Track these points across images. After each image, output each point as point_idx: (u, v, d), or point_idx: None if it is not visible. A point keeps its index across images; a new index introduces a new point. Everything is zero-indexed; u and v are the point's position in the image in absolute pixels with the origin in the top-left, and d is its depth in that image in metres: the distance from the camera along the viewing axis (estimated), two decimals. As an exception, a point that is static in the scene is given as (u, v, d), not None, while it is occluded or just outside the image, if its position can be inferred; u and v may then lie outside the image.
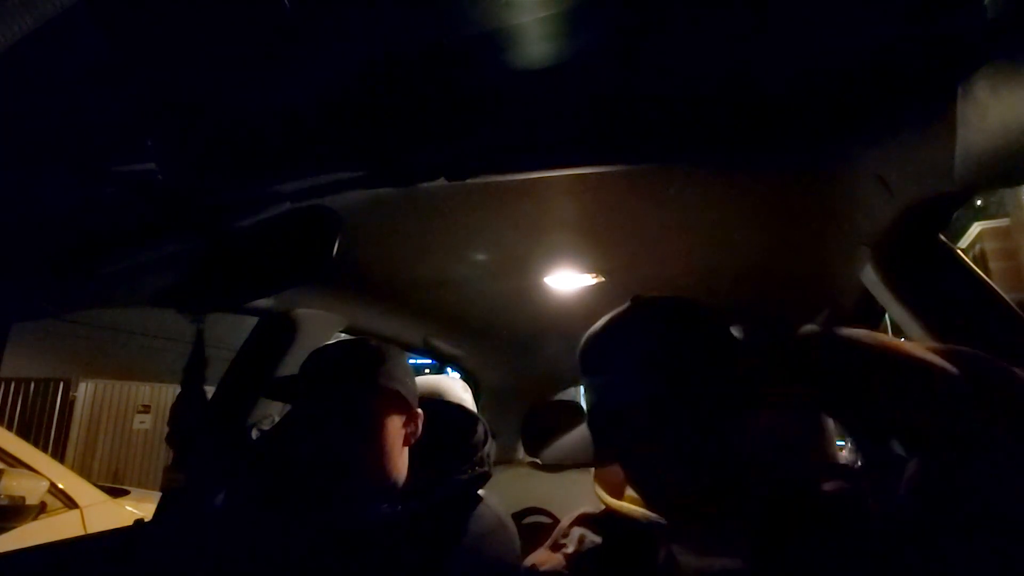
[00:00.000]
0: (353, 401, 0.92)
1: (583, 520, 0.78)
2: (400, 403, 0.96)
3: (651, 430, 0.62)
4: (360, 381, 0.93)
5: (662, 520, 0.66)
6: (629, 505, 0.71)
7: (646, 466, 0.65)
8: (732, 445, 0.64)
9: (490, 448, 1.07)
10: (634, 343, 0.66)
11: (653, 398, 0.62)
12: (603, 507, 0.76)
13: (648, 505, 0.67)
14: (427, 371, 2.42)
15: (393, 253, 1.26)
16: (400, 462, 0.96)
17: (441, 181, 0.82)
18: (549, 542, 0.80)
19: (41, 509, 2.37)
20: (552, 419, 1.83)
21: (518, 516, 1.56)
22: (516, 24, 0.59)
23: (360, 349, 0.99)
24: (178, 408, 1.08)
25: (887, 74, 0.68)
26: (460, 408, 1.14)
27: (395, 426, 0.95)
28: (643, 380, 0.63)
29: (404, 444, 0.97)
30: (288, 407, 1.15)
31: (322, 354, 1.00)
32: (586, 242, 1.24)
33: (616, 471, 0.75)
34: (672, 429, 0.62)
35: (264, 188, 0.85)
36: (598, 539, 0.74)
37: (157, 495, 1.32)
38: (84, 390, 7.18)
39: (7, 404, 6.88)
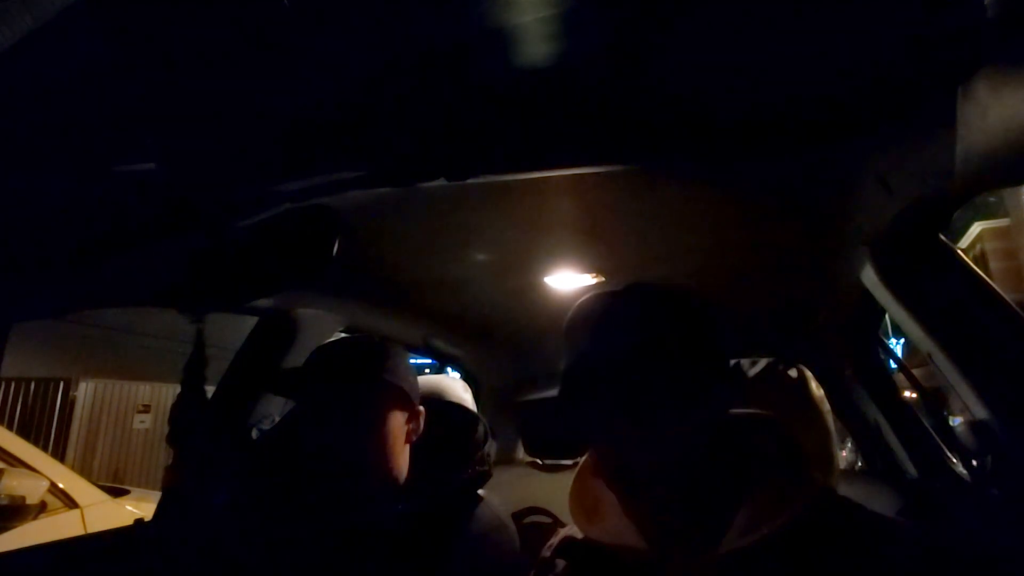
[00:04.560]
0: (357, 396, 0.92)
1: (566, 547, 0.76)
2: (403, 399, 0.96)
3: (622, 398, 0.61)
4: (364, 377, 0.93)
5: (640, 546, 0.64)
6: (605, 531, 0.69)
7: (612, 440, 0.63)
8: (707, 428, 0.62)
9: (490, 448, 1.07)
10: (623, 314, 0.66)
11: (628, 364, 0.61)
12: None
13: (618, 492, 0.65)
14: (427, 371, 2.42)
15: (393, 253, 1.26)
16: (402, 459, 0.96)
17: (441, 181, 0.82)
18: (533, 572, 0.78)
19: (41, 509, 2.37)
20: (551, 420, 1.83)
21: (518, 516, 1.56)
22: (516, 24, 0.59)
23: (363, 345, 1.00)
24: (178, 408, 1.08)
25: (887, 74, 0.68)
26: (460, 408, 1.14)
27: (398, 422, 0.95)
28: (622, 347, 0.63)
29: (406, 441, 0.97)
30: (289, 408, 1.15)
31: (326, 350, 1.01)
32: (586, 242, 1.24)
33: (590, 492, 0.74)
34: (642, 400, 0.60)
35: (264, 188, 0.85)
36: (584, 571, 0.71)
37: (157, 495, 1.32)
38: (84, 390, 7.18)
39: (7, 404, 6.87)
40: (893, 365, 1.80)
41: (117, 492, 2.93)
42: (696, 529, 0.62)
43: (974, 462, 1.17)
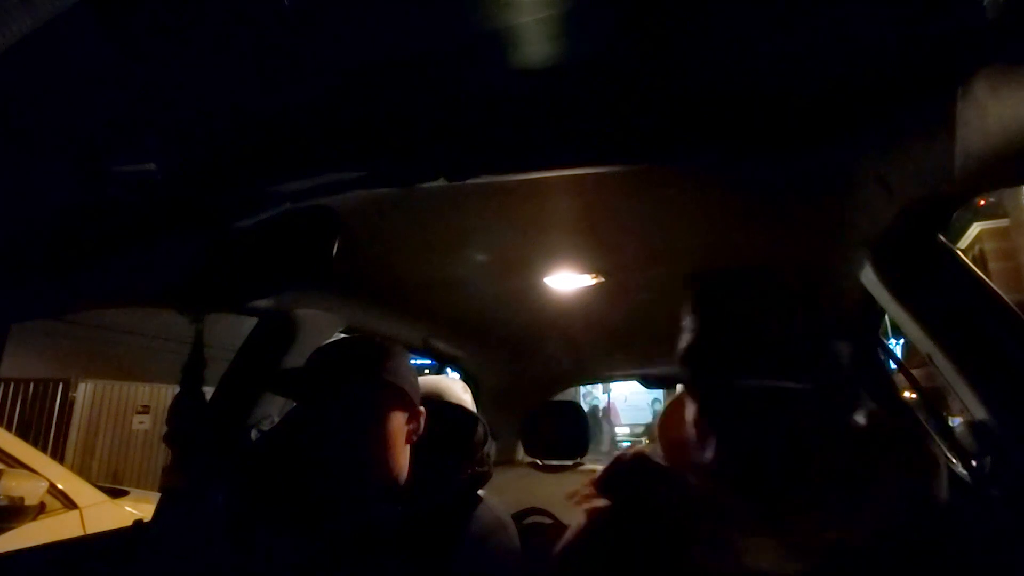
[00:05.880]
0: (358, 396, 0.92)
1: (642, 464, 0.74)
2: (403, 400, 0.96)
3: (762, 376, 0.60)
4: (364, 377, 0.93)
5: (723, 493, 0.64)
6: (691, 465, 0.68)
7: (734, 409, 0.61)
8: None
9: (490, 448, 1.07)
10: (769, 297, 0.66)
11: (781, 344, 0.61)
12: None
13: (726, 477, 0.64)
14: (427, 371, 2.42)
15: (393, 253, 1.26)
16: (402, 459, 0.96)
17: (441, 181, 0.82)
18: (600, 479, 0.77)
19: (40, 509, 2.36)
20: (552, 419, 1.83)
21: (518, 516, 1.56)
22: (516, 24, 0.59)
23: (364, 345, 1.00)
24: (177, 408, 1.08)
25: (887, 74, 0.68)
26: (460, 408, 1.14)
27: (398, 422, 0.95)
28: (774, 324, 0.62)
29: (407, 441, 0.97)
30: (289, 408, 1.15)
31: (326, 350, 1.00)
32: (586, 242, 1.24)
33: (681, 430, 0.72)
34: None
35: (264, 188, 0.85)
36: (653, 492, 0.70)
37: (156, 495, 1.32)
38: (84, 390, 7.17)
39: (7, 404, 6.86)
40: (893, 365, 1.80)
41: (116, 493, 2.92)
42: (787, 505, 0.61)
43: (974, 462, 1.17)
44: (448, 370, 2.17)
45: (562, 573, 0.77)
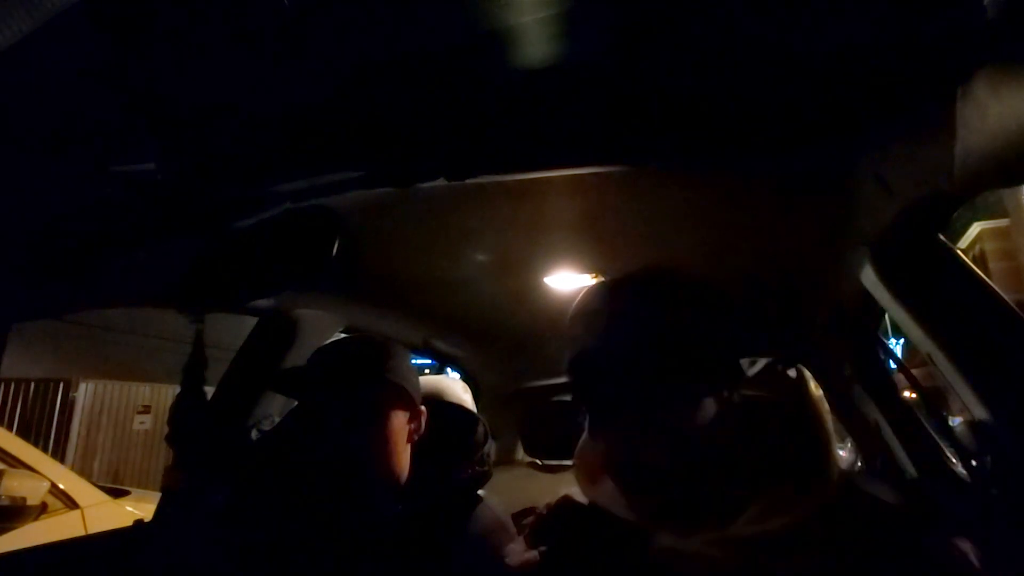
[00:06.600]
0: (359, 396, 0.92)
1: (565, 509, 0.75)
2: (405, 399, 0.96)
3: (639, 391, 0.59)
4: (366, 376, 0.93)
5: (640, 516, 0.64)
6: (610, 497, 0.68)
7: (624, 428, 0.61)
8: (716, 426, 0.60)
9: (490, 448, 1.07)
10: (640, 301, 0.65)
11: (647, 356, 0.60)
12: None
13: (621, 485, 0.64)
14: (427, 371, 2.43)
15: (393, 253, 1.26)
16: (403, 459, 0.96)
17: (441, 181, 0.82)
18: (528, 529, 0.78)
19: (42, 510, 2.37)
20: (551, 420, 1.83)
21: (518, 516, 1.56)
22: (516, 24, 0.59)
23: (365, 345, 1.00)
24: (178, 408, 1.08)
25: (887, 74, 0.68)
26: (460, 408, 1.14)
27: (400, 422, 0.95)
28: (638, 337, 0.61)
29: (408, 441, 0.97)
30: (288, 409, 1.16)
31: (327, 350, 1.01)
32: (586, 242, 1.24)
33: (593, 460, 0.73)
34: (658, 393, 0.59)
35: (264, 188, 0.85)
36: (581, 535, 0.71)
37: (157, 495, 1.32)
38: (84, 390, 7.18)
39: (7, 404, 6.87)
40: (893, 365, 1.80)
41: (117, 493, 2.93)
42: (704, 517, 0.61)
43: (974, 462, 1.17)
44: (448, 370, 2.17)
45: None
